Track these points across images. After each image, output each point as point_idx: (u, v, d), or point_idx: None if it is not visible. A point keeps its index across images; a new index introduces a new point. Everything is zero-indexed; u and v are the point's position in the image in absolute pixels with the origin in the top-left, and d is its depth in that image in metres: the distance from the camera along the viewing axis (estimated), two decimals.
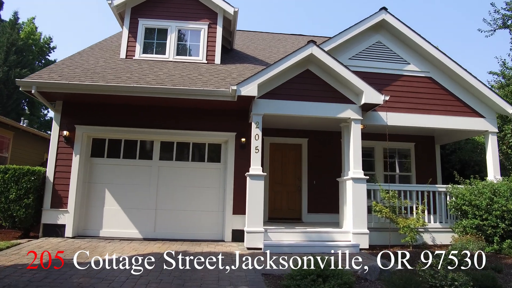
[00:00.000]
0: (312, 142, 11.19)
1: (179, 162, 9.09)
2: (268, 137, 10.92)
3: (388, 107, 8.99)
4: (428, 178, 11.67)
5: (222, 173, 9.08)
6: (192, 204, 8.91)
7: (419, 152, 11.86)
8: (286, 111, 8.15)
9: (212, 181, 9.05)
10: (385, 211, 7.98)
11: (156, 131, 8.91)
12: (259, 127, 7.97)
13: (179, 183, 8.97)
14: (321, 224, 9.76)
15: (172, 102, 8.68)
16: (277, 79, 8.21)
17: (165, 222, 8.79)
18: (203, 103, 8.66)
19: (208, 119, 9.05)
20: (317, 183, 10.99)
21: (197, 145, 9.30)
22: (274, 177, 10.97)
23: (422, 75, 9.56)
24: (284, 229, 8.04)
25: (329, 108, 8.31)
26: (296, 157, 11.20)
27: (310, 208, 10.86)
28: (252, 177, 7.72)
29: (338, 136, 11.15)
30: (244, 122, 9.02)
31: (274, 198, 10.91)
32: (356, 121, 8.38)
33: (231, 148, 8.92)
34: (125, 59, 10.32)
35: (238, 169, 8.80)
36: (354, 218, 7.91)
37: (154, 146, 9.12)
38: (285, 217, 10.80)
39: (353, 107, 8.41)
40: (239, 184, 8.67)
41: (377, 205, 8.07)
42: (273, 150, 11.12)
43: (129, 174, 8.94)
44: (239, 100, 8.07)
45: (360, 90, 8.19)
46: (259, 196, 7.66)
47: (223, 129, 9.00)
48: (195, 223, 8.84)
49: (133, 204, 8.82)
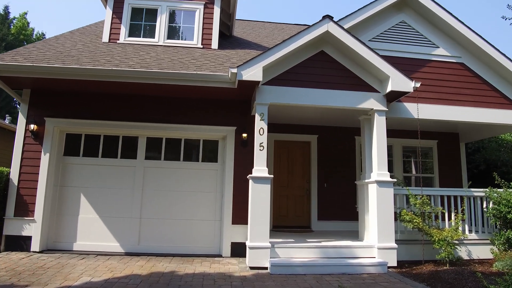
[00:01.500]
0: (322, 139, 9.80)
1: (169, 162, 7.69)
2: (272, 134, 9.53)
3: (413, 97, 7.62)
4: (452, 181, 10.36)
5: (219, 175, 7.69)
6: (184, 212, 7.51)
7: (442, 151, 10.50)
8: (296, 101, 6.76)
9: (207, 184, 7.65)
10: (416, 220, 6.59)
11: (142, 124, 7.51)
12: (264, 119, 6.58)
13: (169, 187, 7.56)
14: (334, 234, 8.38)
15: (160, 90, 7.29)
16: (286, 62, 6.83)
17: (152, 234, 7.39)
18: (196, 91, 7.27)
19: (203, 111, 7.66)
20: (328, 186, 9.61)
21: (190, 142, 7.90)
22: (279, 180, 9.59)
23: (453, 60, 8.18)
24: (294, 243, 6.65)
25: (347, 97, 6.92)
26: (304, 157, 9.82)
27: (320, 215, 9.48)
28: (256, 180, 6.33)
29: (353, 133, 9.84)
30: (246, 114, 7.64)
31: (279, 204, 9.53)
32: (380, 112, 7.00)
33: (230, 146, 7.53)
34: (108, 43, 8.90)
35: (238, 170, 7.41)
36: (380, 230, 6.53)
37: (139, 143, 7.71)
38: (292, 225, 9.41)
39: (377, 96, 7.03)
40: (240, 188, 7.29)
41: (407, 213, 6.68)
42: (278, 149, 9.74)
43: (109, 176, 7.53)
44: (240, 86, 6.68)
45: (386, 75, 6.81)
46: (265, 204, 6.27)
47: (221, 123, 7.61)
48: (187, 234, 7.44)
49: (113, 212, 7.41)
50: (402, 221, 6.83)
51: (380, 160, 6.79)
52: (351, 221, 9.41)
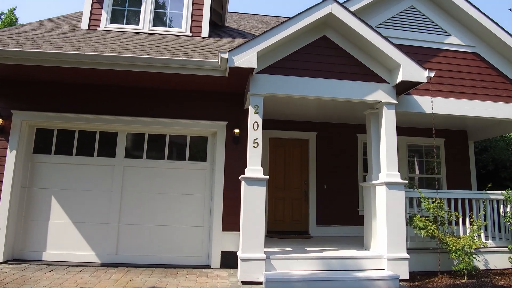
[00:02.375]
0: (322, 136, 9.03)
1: (152, 161, 6.86)
2: (267, 131, 8.74)
3: (425, 89, 6.87)
4: (460, 182, 9.63)
5: (208, 176, 6.87)
6: (168, 217, 6.69)
7: (450, 150, 9.77)
8: (295, 91, 5.97)
9: (195, 186, 6.83)
10: (431, 228, 5.82)
11: (122, 119, 6.68)
12: (258, 112, 5.78)
13: (151, 189, 6.74)
14: (335, 240, 7.60)
15: (141, 79, 6.47)
16: (284, 48, 6.04)
17: (131, 242, 6.56)
18: (183, 81, 6.46)
19: (191, 104, 6.84)
20: (328, 187, 8.83)
21: (176, 138, 7.08)
22: (275, 181, 8.80)
23: (466, 50, 7.43)
24: (293, 253, 5.86)
25: (353, 88, 6.15)
26: (302, 156, 9.04)
27: (320, 219, 8.70)
28: (250, 182, 5.53)
29: (355, 130, 9.08)
30: (238, 108, 6.84)
31: (274, 207, 8.73)
32: (389, 106, 6.23)
33: (220, 143, 6.72)
34: (87, 30, 8.05)
35: (229, 170, 6.61)
36: (390, 238, 5.76)
37: (119, 140, 6.88)
38: (289, 231, 8.62)
39: (385, 87, 6.26)
40: (231, 190, 6.49)
41: (420, 219, 5.91)
42: (274, 147, 8.95)
43: (84, 176, 6.69)
44: (231, 75, 5.88)
45: (396, 63, 6.05)
46: (259, 208, 5.47)
47: (211, 117, 6.80)
48: (171, 242, 6.61)
49: (88, 217, 6.57)
50: (414, 228, 6.05)
51: (389, 159, 6.02)
52: (353, 226, 8.66)
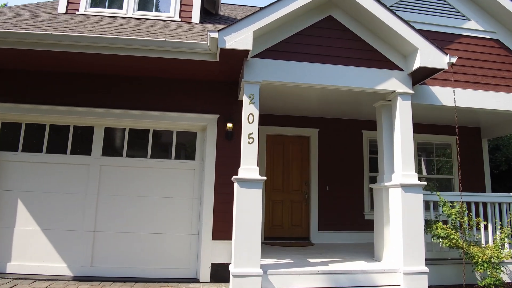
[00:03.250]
0: (324, 133, 8.23)
1: (133, 160, 6.04)
2: (264, 127, 7.95)
3: (441, 79, 6.11)
4: (474, 183, 8.88)
5: (197, 177, 6.06)
6: (151, 223, 5.86)
7: (462, 148, 8.99)
8: (296, 79, 5.16)
9: (182, 188, 6.01)
10: (454, 237, 5.03)
11: (99, 111, 5.86)
12: (254, 102, 4.97)
13: (132, 192, 5.91)
14: (340, 248, 6.81)
15: (121, 66, 5.66)
16: (284, 29, 5.24)
17: (109, 252, 5.73)
18: (168, 68, 5.66)
19: (178, 95, 6.03)
20: (331, 189, 8.04)
21: (161, 133, 6.27)
22: (273, 182, 8.01)
23: (486, 36, 6.66)
24: (293, 265, 5.06)
25: (362, 75, 5.36)
26: (302, 154, 8.24)
27: (322, 224, 7.90)
28: (244, 183, 4.72)
29: (361, 126, 8.32)
30: (232, 100, 6.03)
31: (272, 211, 7.93)
32: (404, 96, 5.44)
33: (211, 139, 5.91)
34: (64, 14, 7.21)
35: (221, 171, 5.80)
36: (406, 249, 4.96)
37: (95, 135, 6.05)
38: (288, 237, 7.83)
39: (400, 75, 5.48)
40: (223, 193, 5.68)
41: (442, 227, 5.11)
42: (271, 145, 8.15)
43: (55, 177, 5.85)
44: (223, 59, 5.08)
45: (412, 47, 5.26)
46: (255, 215, 4.66)
47: (200, 110, 5.99)
48: (155, 252, 5.79)
49: (60, 224, 5.73)
50: (433, 237, 5.27)
51: (405, 157, 5.23)
52: (358, 231, 7.90)
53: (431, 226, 5.32)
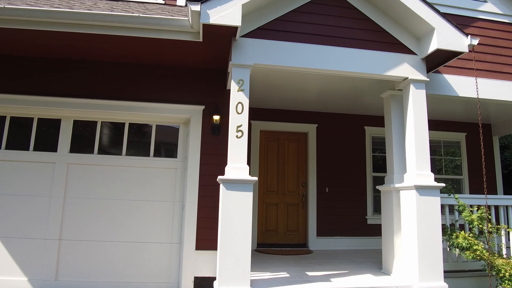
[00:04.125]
0: (323, 129, 7.50)
1: (106, 157, 5.27)
2: (257, 122, 7.22)
3: (455, 67, 5.41)
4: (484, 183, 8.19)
5: (179, 177, 5.29)
6: (127, 230, 5.09)
7: (472, 146, 8.32)
8: (293, 62, 4.42)
9: (162, 190, 5.25)
10: (478, 248, 4.31)
11: (67, 101, 5.08)
12: (244, 89, 4.22)
13: (105, 194, 5.14)
14: (342, 256, 6.08)
15: (92, 48, 4.88)
16: (279, 4, 4.49)
17: (77, 263, 4.95)
18: (146, 51, 4.89)
19: (158, 82, 5.27)
20: (331, 191, 7.32)
21: (138, 127, 5.50)
22: (267, 182, 7.27)
23: (505, 20, 5.96)
24: (291, 283, 4.32)
25: (370, 59, 4.62)
26: (299, 152, 7.51)
27: (320, 229, 7.17)
28: (231, 185, 3.96)
29: (363, 121, 7.63)
30: (219, 88, 5.29)
31: (265, 214, 7.19)
32: (418, 84, 4.72)
33: (195, 133, 5.16)
34: None
35: (207, 170, 5.05)
36: (422, 261, 4.24)
37: (63, 129, 5.27)
38: (283, 243, 7.10)
39: (412, 60, 4.75)
40: (209, 195, 4.93)
41: (465, 236, 4.37)
42: (265, 142, 7.41)
43: (15, 176, 5.07)
44: (207, 37, 4.32)
45: (428, 27, 4.54)
46: (244, 222, 3.90)
47: (183, 100, 5.23)
48: (130, 264, 5.02)
49: (20, 231, 4.95)
50: (451, 246, 4.54)
51: (419, 155, 4.50)
52: (360, 237, 7.19)
53: (447, 234, 4.60)
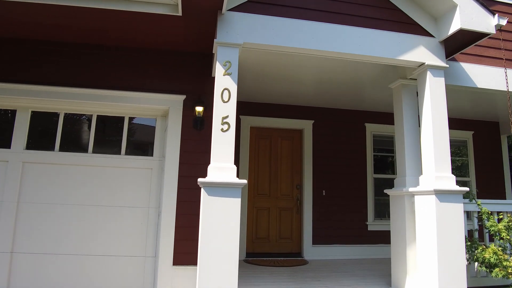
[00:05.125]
0: (320, 126, 6.81)
1: (69, 156, 4.47)
2: (247, 117, 6.51)
3: (473, 54, 4.77)
4: (492, 185, 7.61)
5: (155, 179, 4.53)
6: (93, 242, 4.31)
7: (479, 146, 7.72)
8: (290, 41, 3.69)
9: (135, 194, 4.48)
10: (509, 264, 3.63)
11: (23, 88, 4.28)
12: (231, 73, 3.49)
13: (66, 199, 4.36)
14: (341, 268, 5.39)
15: (53, 25, 4.10)
16: None
17: (32, 280, 4.16)
18: (115, 28, 4.13)
19: (131, 67, 4.50)
20: (328, 194, 6.62)
21: (108, 121, 4.73)
22: (258, 185, 6.55)
23: None
24: None
25: (381, 40, 3.93)
26: (294, 152, 6.80)
27: (316, 237, 6.47)
28: (214, 190, 3.22)
29: (363, 118, 7.01)
30: (203, 75, 4.55)
31: (256, 220, 6.47)
32: (435, 70, 4.03)
33: (174, 128, 4.40)
34: None
35: (187, 170, 4.30)
36: (442, 279, 3.54)
37: (18, 121, 4.47)
38: (275, 253, 6.39)
39: (429, 42, 4.07)
40: (189, 201, 4.19)
41: (495, 251, 3.69)
42: (256, 139, 6.69)
43: None
44: (188, 11, 3.58)
45: (449, 3, 3.86)
46: (230, 235, 3.16)
47: (160, 89, 4.47)
48: (96, 281, 4.23)
49: None
50: (476, 261, 3.87)
51: (439, 154, 3.82)
52: (361, 245, 6.53)
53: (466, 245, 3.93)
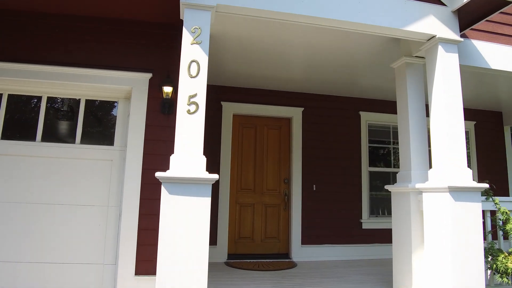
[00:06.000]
0: (311, 114, 6.16)
1: (12, 144, 3.74)
2: (229, 104, 5.84)
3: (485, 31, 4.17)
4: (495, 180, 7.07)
5: (116, 172, 3.84)
6: (42, 246, 3.62)
7: (481, 136, 7.18)
8: (272, 5, 3.02)
9: (92, 190, 3.79)
10: None
11: None
12: (201, 42, 2.80)
13: (9, 195, 3.65)
14: (334, 273, 4.79)
15: None
16: None
17: None
18: None
19: (86, 40, 3.79)
20: (319, 189, 6.00)
21: (60, 103, 4.01)
22: (241, 179, 5.90)
23: None
24: None
25: (384, 6, 3.29)
26: (281, 142, 6.16)
27: (306, 236, 5.85)
28: (176, 187, 2.55)
29: (358, 106, 6.38)
30: (172, 50, 3.83)
31: (239, 218, 5.83)
32: (448, 45, 3.39)
33: (138, 112, 3.72)
34: None
35: (153, 162, 3.63)
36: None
37: None
38: (260, 254, 5.77)
39: (440, 12, 3.43)
40: (155, 198, 3.49)
41: None
42: (240, 128, 6.03)
43: None
44: None
45: None
46: (198, 245, 2.50)
47: (122, 65, 3.77)
48: None
49: None
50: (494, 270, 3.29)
51: (453, 144, 3.20)
52: (354, 245, 5.97)
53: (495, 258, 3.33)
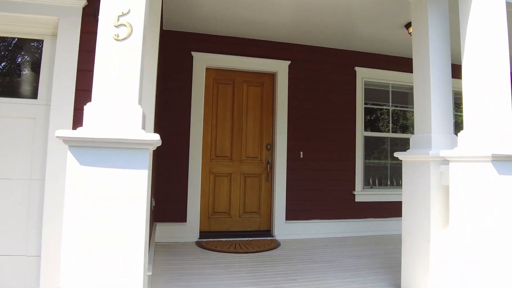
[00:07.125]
0: (298, 68, 5.22)
1: None
2: (201, 54, 4.85)
3: None
4: None
5: (40, 134, 2.88)
6: None
7: None
8: None
9: (9, 158, 2.84)
10: None
11: None
12: None
13: None
14: (324, 256, 4.04)
15: None
16: None
17: None
18: None
19: None
20: (307, 156, 5.18)
21: None
22: (215, 144, 5.02)
23: None
24: None
25: None
26: (264, 102, 5.24)
27: (291, 211, 5.08)
28: (91, 152, 1.62)
29: (353, 60, 5.47)
30: None
31: (213, 190, 4.98)
32: None
33: (66, 51, 2.71)
34: None
35: None
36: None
37: None
38: (238, 231, 5.00)
39: None
40: None
41: None
42: (214, 85, 5.07)
43: None
44: None
45: None
46: (131, 244, 1.65)
47: None
48: None
49: None
50: None
51: (495, 100, 2.31)
52: (346, 219, 5.27)
53: None
